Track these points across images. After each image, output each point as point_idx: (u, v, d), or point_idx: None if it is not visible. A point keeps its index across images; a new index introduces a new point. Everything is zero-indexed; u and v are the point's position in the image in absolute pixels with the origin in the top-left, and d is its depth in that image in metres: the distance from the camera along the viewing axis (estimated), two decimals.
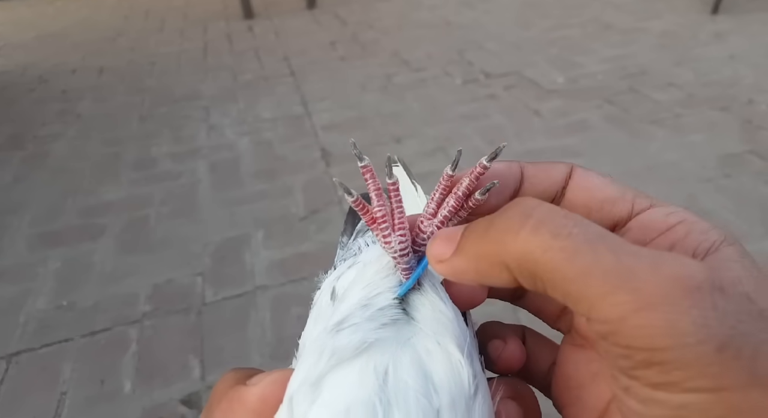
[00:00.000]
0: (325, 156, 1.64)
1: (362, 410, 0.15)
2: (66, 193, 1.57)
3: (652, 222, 0.16)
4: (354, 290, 0.19)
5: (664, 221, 0.16)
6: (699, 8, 2.60)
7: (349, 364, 0.16)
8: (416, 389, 0.16)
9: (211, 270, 1.21)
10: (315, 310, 0.21)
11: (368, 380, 0.16)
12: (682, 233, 0.15)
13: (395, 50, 2.45)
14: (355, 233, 0.35)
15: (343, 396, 0.15)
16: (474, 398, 0.16)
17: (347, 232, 0.37)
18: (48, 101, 2.27)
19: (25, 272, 1.26)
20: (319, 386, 0.16)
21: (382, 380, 0.16)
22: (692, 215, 0.16)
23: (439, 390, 0.16)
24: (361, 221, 0.34)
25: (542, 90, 1.93)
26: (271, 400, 0.16)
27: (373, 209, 0.19)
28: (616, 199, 0.17)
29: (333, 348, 0.16)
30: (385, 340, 0.17)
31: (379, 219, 0.19)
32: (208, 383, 0.95)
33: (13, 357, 1.03)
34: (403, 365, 0.16)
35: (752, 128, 1.58)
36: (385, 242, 0.19)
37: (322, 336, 0.17)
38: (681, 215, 0.16)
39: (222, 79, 2.34)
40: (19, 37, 3.32)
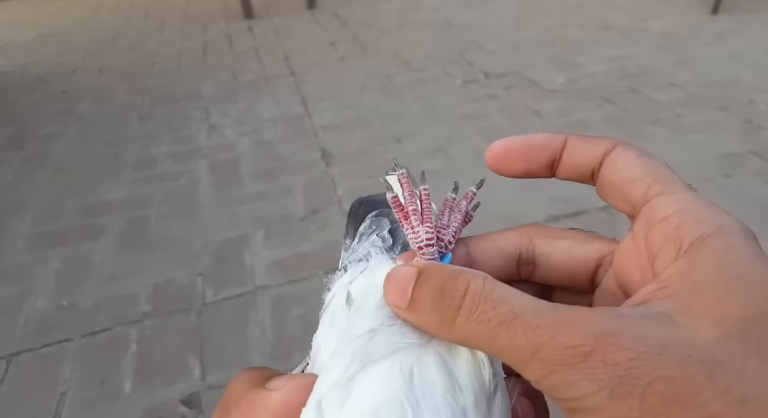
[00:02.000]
0: (325, 156, 1.64)
1: (391, 410, 0.15)
2: (66, 193, 1.57)
3: (655, 211, 0.16)
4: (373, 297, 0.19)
5: (663, 209, 0.16)
6: (699, 8, 2.60)
7: (375, 366, 0.17)
8: (442, 388, 0.16)
9: (211, 270, 1.21)
10: (329, 313, 0.22)
11: (395, 380, 0.16)
12: (675, 224, 0.15)
13: (395, 50, 2.45)
14: (359, 235, 0.35)
15: (371, 397, 0.16)
16: (494, 396, 0.17)
17: (350, 234, 0.37)
18: (48, 101, 2.27)
19: (25, 271, 1.26)
20: (349, 389, 0.16)
21: (408, 380, 0.16)
22: (693, 203, 0.16)
23: (464, 389, 0.17)
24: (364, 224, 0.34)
25: (542, 90, 1.93)
26: (294, 405, 0.17)
27: (406, 205, 0.21)
28: (635, 182, 0.17)
29: (363, 353, 0.17)
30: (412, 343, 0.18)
31: (411, 213, 0.21)
32: (208, 383, 0.95)
33: (13, 357, 1.03)
34: (428, 364, 0.17)
35: (752, 128, 1.58)
36: (413, 232, 0.21)
37: (353, 342, 0.18)
38: (680, 204, 0.16)
39: (222, 79, 2.34)
40: (19, 37, 3.32)
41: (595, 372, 0.13)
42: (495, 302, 0.14)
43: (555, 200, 1.32)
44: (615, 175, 0.18)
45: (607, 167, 0.18)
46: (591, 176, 0.19)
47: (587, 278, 0.20)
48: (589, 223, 1.24)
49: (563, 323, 0.13)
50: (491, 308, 0.14)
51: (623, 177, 0.18)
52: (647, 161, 0.18)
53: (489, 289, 0.15)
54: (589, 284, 0.20)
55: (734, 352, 0.12)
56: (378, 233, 0.32)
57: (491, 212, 1.28)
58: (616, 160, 0.18)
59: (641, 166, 0.18)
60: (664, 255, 0.15)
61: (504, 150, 0.20)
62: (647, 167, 0.17)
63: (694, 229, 0.15)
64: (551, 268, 0.20)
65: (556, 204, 1.31)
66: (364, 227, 0.34)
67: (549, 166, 0.20)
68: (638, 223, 0.17)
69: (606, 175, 0.18)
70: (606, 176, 0.18)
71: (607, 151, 0.18)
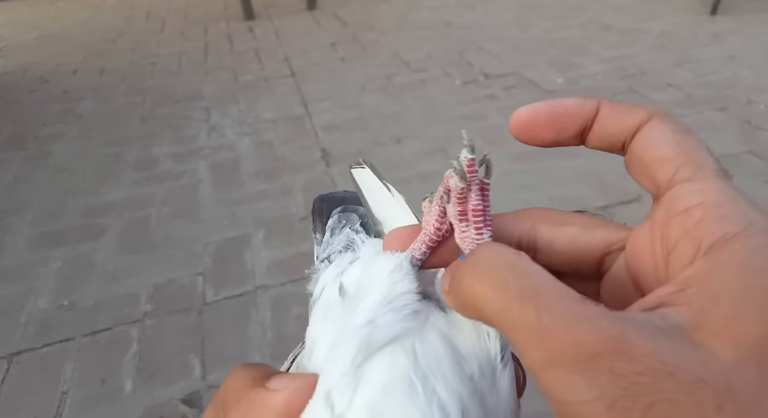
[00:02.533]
0: (326, 156, 1.65)
1: (399, 387, 0.16)
2: (67, 193, 1.57)
3: (677, 199, 0.15)
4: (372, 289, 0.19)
5: (686, 199, 0.15)
6: (698, 9, 2.60)
7: (379, 351, 0.17)
8: (448, 360, 0.17)
9: (212, 270, 1.22)
10: (321, 305, 0.22)
11: (398, 359, 0.17)
12: (696, 219, 0.14)
13: (395, 51, 2.46)
14: (329, 229, 0.35)
15: (378, 378, 0.16)
16: (500, 368, 0.17)
17: (318, 229, 0.38)
18: (49, 102, 2.28)
19: (26, 271, 1.26)
20: (358, 377, 0.17)
21: (413, 357, 0.17)
22: (720, 195, 0.14)
23: (468, 360, 0.17)
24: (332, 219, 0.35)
25: (542, 91, 1.93)
26: (297, 405, 0.17)
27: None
28: (663, 161, 0.16)
29: (368, 344, 0.17)
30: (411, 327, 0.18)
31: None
32: (208, 383, 0.95)
33: (14, 357, 1.04)
34: (430, 341, 0.17)
35: (751, 129, 1.58)
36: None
37: (356, 334, 0.18)
38: (705, 195, 0.14)
39: (223, 79, 2.35)
40: (20, 37, 3.33)
41: (598, 377, 0.11)
42: (520, 273, 0.13)
43: (554, 200, 1.33)
44: (645, 151, 0.16)
45: (639, 141, 0.17)
46: (622, 148, 0.17)
47: (593, 265, 0.18)
48: None
49: (581, 316, 0.12)
50: (513, 277, 0.13)
51: (653, 154, 0.16)
52: (682, 139, 0.16)
53: (518, 259, 0.14)
54: (594, 271, 0.19)
55: (749, 380, 0.11)
56: (350, 226, 0.33)
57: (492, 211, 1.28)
58: (649, 134, 0.16)
59: (674, 145, 0.16)
60: (681, 252, 0.14)
61: (530, 117, 0.18)
62: (680, 147, 0.16)
63: (717, 227, 0.13)
64: (554, 255, 0.19)
65: (555, 204, 1.31)
66: (333, 221, 0.35)
67: (579, 136, 0.18)
68: (659, 210, 0.16)
69: (636, 149, 0.17)
70: (635, 151, 0.17)
71: (642, 122, 0.17)
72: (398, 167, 1.54)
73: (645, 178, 0.17)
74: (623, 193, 1.31)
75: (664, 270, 0.15)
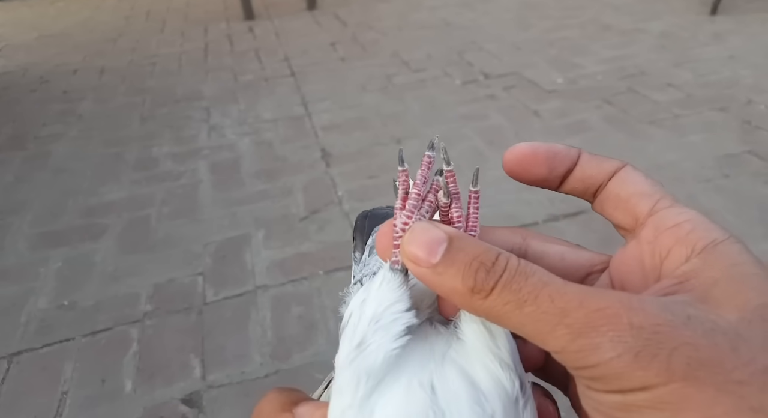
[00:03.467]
0: (326, 156, 1.65)
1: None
2: (67, 193, 1.57)
3: (664, 219, 0.18)
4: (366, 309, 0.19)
5: (674, 218, 0.17)
6: (698, 9, 2.60)
7: (393, 384, 0.17)
8: (467, 398, 0.16)
9: (212, 270, 1.22)
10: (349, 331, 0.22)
11: (417, 395, 0.16)
12: (687, 230, 0.17)
13: (395, 51, 2.46)
14: (368, 248, 0.34)
15: (393, 411, 0.16)
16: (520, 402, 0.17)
17: (358, 247, 0.36)
18: (49, 102, 2.28)
19: (26, 271, 1.26)
20: (366, 409, 0.16)
21: (430, 393, 0.16)
22: (701, 216, 0.17)
23: (489, 397, 0.17)
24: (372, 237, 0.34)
25: (542, 90, 1.93)
26: None
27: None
28: (642, 195, 0.19)
29: (366, 370, 0.17)
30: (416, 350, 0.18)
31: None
32: (208, 383, 0.95)
33: (14, 357, 1.04)
34: (448, 377, 0.17)
35: (751, 129, 1.58)
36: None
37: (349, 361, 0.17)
38: (690, 214, 0.17)
39: (223, 79, 2.35)
40: (20, 37, 3.33)
41: (620, 334, 0.13)
42: (527, 274, 0.15)
43: (554, 200, 1.33)
44: (623, 189, 0.19)
45: (617, 181, 0.19)
46: (594, 192, 0.20)
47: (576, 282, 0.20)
48: (587, 223, 1.25)
49: (591, 292, 0.14)
50: (523, 279, 0.15)
51: (631, 191, 0.19)
52: (652, 183, 0.19)
53: (523, 264, 0.15)
54: None
55: (756, 331, 0.13)
56: None
57: (491, 212, 1.28)
58: (627, 176, 0.19)
59: (650, 185, 0.19)
60: (675, 256, 0.16)
61: (529, 152, 0.20)
62: (655, 186, 0.19)
63: (707, 235, 0.16)
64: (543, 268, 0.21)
65: (555, 204, 1.32)
66: (373, 240, 0.34)
67: (562, 177, 0.20)
68: (646, 230, 0.18)
69: (614, 188, 0.19)
70: (614, 189, 0.19)
71: (617, 168, 0.20)
72: None
73: (620, 212, 0.19)
74: None
75: (656, 275, 0.17)
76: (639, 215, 0.19)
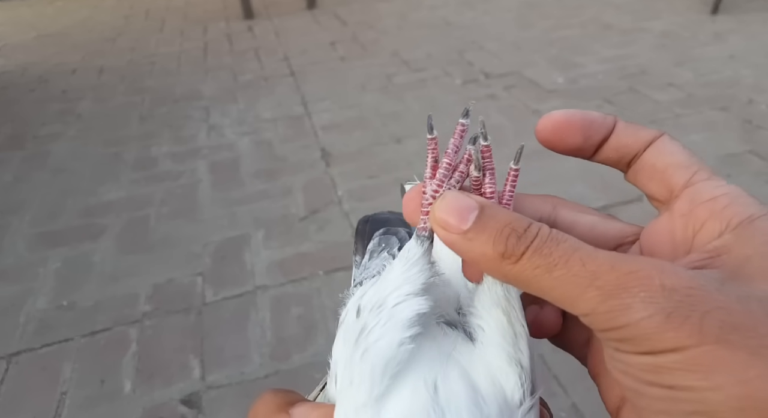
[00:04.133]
0: (325, 156, 1.64)
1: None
2: (66, 193, 1.57)
3: (700, 192, 0.17)
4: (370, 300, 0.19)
5: (710, 192, 0.17)
6: (699, 8, 2.60)
7: (402, 380, 0.17)
8: (466, 400, 0.17)
9: (211, 270, 1.21)
10: (343, 328, 0.22)
11: (420, 393, 0.17)
12: (723, 204, 0.16)
13: (395, 50, 2.46)
14: (369, 252, 0.35)
15: (399, 410, 0.17)
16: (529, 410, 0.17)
17: (359, 251, 0.37)
18: (48, 101, 2.27)
19: (25, 271, 1.26)
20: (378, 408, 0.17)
21: (432, 392, 0.17)
22: (740, 190, 0.17)
23: (487, 400, 0.17)
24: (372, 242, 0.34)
25: (542, 90, 1.93)
26: None
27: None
28: (679, 167, 0.18)
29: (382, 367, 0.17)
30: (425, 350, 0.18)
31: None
32: (208, 383, 0.95)
33: (13, 357, 1.03)
34: (451, 377, 0.17)
35: (752, 128, 1.58)
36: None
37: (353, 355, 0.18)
38: (728, 188, 0.17)
39: (222, 79, 2.35)
40: (19, 37, 3.33)
41: (652, 296, 0.13)
42: (559, 240, 0.15)
43: None
44: (659, 160, 0.19)
45: (653, 151, 0.19)
46: (629, 161, 0.20)
47: None
48: None
49: (622, 257, 0.14)
50: (555, 244, 0.15)
51: (668, 162, 0.18)
52: (691, 153, 0.19)
53: (555, 232, 0.15)
54: None
55: None
56: (388, 250, 0.32)
57: None
58: (663, 147, 0.19)
59: (687, 156, 0.18)
60: (707, 230, 0.16)
61: (564, 120, 0.20)
62: (693, 158, 0.18)
63: (743, 210, 0.16)
64: None
65: None
66: (373, 244, 0.34)
67: (597, 145, 0.20)
68: (680, 202, 0.18)
69: (650, 158, 0.19)
70: (649, 159, 0.19)
71: (655, 137, 0.19)
72: (398, 167, 1.53)
73: (655, 182, 0.19)
74: (624, 194, 1.31)
75: (686, 249, 0.17)
76: (674, 187, 0.18)
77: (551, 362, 0.93)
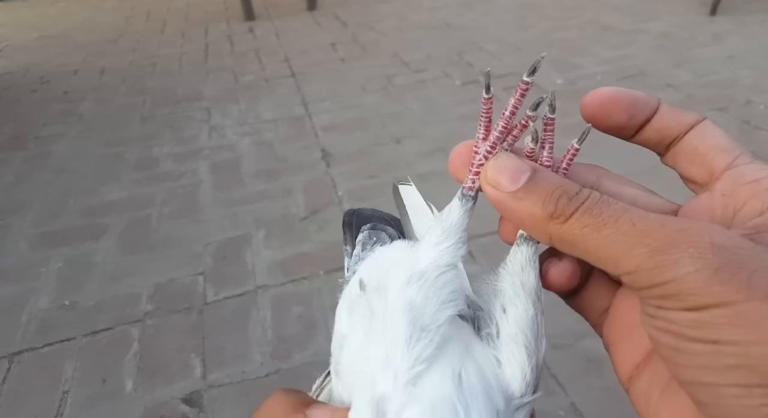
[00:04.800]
0: (326, 156, 1.65)
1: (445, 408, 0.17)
2: (68, 193, 1.58)
3: (742, 174, 0.17)
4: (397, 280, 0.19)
5: (754, 174, 0.17)
6: (697, 9, 2.61)
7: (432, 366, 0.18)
8: (483, 391, 0.18)
9: (213, 270, 1.22)
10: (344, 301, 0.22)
11: (447, 383, 0.18)
12: (766, 186, 0.17)
13: (395, 51, 2.46)
14: (360, 243, 0.35)
15: (428, 397, 0.17)
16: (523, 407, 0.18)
17: (349, 242, 0.38)
18: (50, 102, 2.28)
19: (27, 271, 1.27)
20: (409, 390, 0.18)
21: (458, 383, 0.18)
22: None
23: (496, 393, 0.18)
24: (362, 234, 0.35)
25: (541, 91, 1.92)
26: None
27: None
28: (721, 149, 0.18)
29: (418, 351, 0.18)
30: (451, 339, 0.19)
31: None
32: (209, 382, 0.96)
33: (15, 356, 1.04)
34: (470, 370, 0.19)
35: (750, 129, 1.59)
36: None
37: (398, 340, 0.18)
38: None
39: (223, 80, 2.35)
40: (21, 38, 3.33)
41: (702, 252, 0.13)
42: (609, 202, 0.15)
43: None
44: (702, 142, 0.19)
45: (695, 134, 0.19)
46: (668, 144, 0.20)
47: None
48: None
49: (672, 218, 0.15)
50: (605, 205, 0.15)
51: (710, 144, 0.19)
52: (733, 138, 0.19)
53: (605, 197, 0.16)
54: None
55: None
56: (381, 243, 0.33)
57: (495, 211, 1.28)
58: (706, 130, 0.19)
59: (729, 140, 0.19)
60: (749, 208, 0.16)
61: (612, 97, 0.20)
62: (734, 142, 0.19)
63: None
64: None
65: None
66: (364, 236, 0.35)
67: (641, 125, 0.20)
68: (722, 183, 0.18)
69: (692, 141, 0.19)
70: (691, 142, 0.19)
71: (697, 121, 0.19)
72: (398, 167, 1.54)
73: (695, 165, 0.19)
74: None
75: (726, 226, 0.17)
76: (716, 170, 0.18)
77: (550, 361, 0.93)
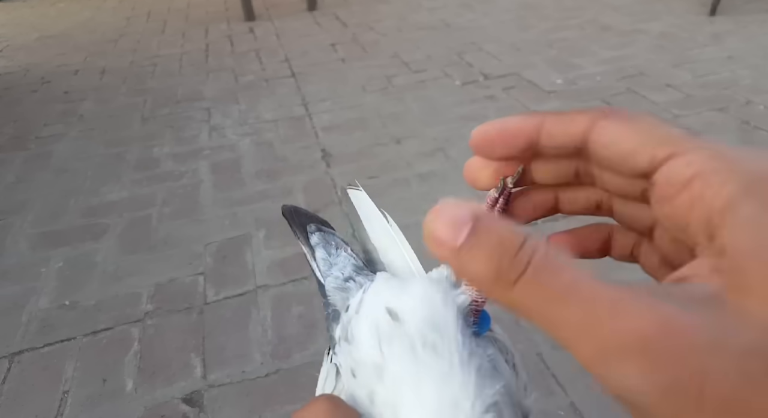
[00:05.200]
0: (326, 157, 1.65)
1: None
2: (68, 193, 1.58)
3: (673, 176, 0.14)
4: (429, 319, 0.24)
5: (682, 174, 0.14)
6: (697, 10, 2.61)
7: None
8: None
9: (213, 270, 1.22)
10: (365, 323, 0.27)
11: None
12: (698, 191, 0.14)
13: (395, 52, 2.46)
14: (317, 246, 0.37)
15: None
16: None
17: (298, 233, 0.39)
18: (50, 102, 2.28)
19: (27, 271, 1.27)
20: None
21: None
22: (710, 162, 0.14)
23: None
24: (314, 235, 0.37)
25: (541, 91, 1.94)
26: None
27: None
28: (635, 152, 0.15)
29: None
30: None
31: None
32: (209, 382, 0.96)
33: (15, 356, 1.04)
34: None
35: (750, 129, 1.59)
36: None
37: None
38: (697, 166, 0.14)
39: (223, 80, 2.35)
40: (21, 38, 3.34)
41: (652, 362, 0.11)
42: (557, 269, 0.13)
43: None
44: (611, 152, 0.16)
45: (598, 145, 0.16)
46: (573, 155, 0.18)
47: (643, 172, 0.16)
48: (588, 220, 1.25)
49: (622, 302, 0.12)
50: (552, 275, 0.13)
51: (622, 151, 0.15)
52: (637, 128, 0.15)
53: (552, 256, 0.13)
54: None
55: None
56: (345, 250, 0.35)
57: None
58: (605, 137, 0.16)
59: (633, 134, 0.15)
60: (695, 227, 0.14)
61: (482, 135, 0.19)
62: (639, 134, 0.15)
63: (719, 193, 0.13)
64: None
65: None
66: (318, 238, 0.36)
67: (529, 149, 0.18)
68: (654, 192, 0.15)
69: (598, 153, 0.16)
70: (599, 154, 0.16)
71: (585, 128, 0.16)
72: (398, 167, 1.54)
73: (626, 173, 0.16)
74: None
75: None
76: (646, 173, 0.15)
77: (550, 360, 0.93)
